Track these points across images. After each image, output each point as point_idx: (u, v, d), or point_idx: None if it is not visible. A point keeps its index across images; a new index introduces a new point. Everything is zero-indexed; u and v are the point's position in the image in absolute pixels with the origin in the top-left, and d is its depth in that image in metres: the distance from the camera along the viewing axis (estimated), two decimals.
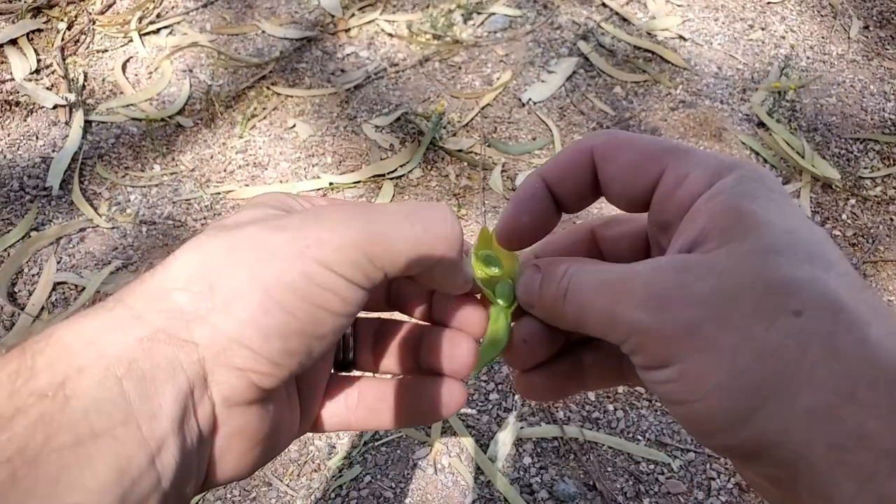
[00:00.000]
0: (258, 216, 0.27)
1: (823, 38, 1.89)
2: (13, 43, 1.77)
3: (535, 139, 1.64)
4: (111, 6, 1.89)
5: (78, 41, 1.80)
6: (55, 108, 1.65)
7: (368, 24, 1.87)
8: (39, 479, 0.20)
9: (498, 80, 1.75)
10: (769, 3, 1.97)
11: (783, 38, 1.88)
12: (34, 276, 1.37)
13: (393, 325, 0.35)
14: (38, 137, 1.60)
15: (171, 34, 1.84)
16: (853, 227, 1.51)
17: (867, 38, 1.90)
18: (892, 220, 1.53)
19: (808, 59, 1.84)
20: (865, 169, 1.61)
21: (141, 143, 1.61)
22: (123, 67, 1.75)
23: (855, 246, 1.48)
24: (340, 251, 0.25)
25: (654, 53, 1.82)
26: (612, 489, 1.13)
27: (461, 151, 1.60)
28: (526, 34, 1.87)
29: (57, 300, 1.34)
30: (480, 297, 0.34)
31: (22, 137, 1.60)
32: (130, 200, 1.50)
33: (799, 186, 1.56)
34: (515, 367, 0.33)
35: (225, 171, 1.56)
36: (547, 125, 1.66)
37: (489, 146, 1.61)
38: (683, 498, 1.14)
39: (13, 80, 1.69)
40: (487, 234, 0.34)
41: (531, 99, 1.71)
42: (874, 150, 1.65)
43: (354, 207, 0.27)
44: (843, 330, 0.22)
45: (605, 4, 1.94)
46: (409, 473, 1.15)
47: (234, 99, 1.70)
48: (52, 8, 1.86)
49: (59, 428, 0.21)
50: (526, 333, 0.32)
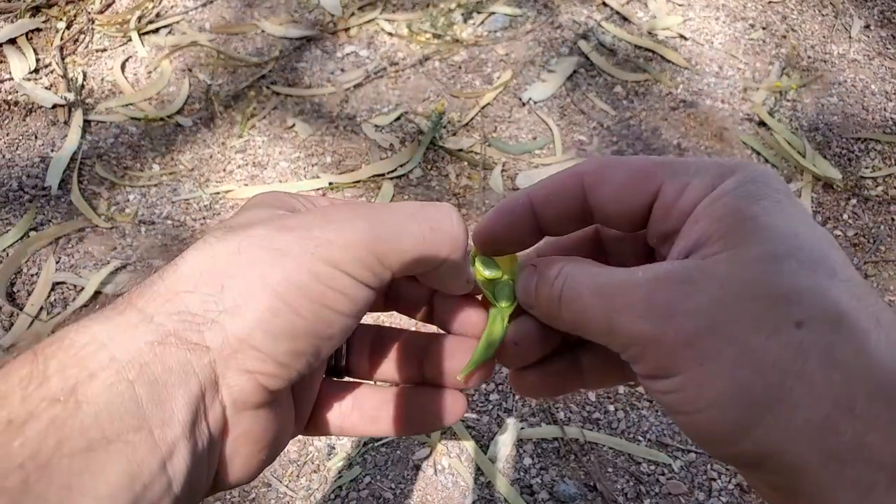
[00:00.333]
0: (263, 216, 0.27)
1: (825, 37, 1.89)
2: (12, 42, 1.76)
3: (535, 139, 1.63)
4: (110, 5, 1.89)
5: (77, 40, 1.80)
6: (54, 107, 1.64)
7: (368, 23, 1.87)
8: (52, 485, 0.20)
9: (498, 79, 1.74)
10: (770, 2, 1.97)
11: (784, 37, 1.88)
12: (33, 276, 1.37)
13: (390, 332, 0.34)
14: (36, 137, 1.60)
15: (170, 33, 1.84)
16: (854, 227, 1.50)
17: (868, 37, 1.90)
18: (893, 220, 1.52)
19: (809, 58, 1.83)
20: (867, 169, 1.61)
21: (140, 142, 1.60)
22: (122, 67, 1.75)
23: (856, 246, 1.48)
24: (349, 250, 0.25)
25: (654, 53, 1.82)
26: (612, 490, 1.13)
27: (461, 151, 1.59)
28: (526, 33, 1.86)
29: (56, 300, 1.34)
30: (481, 297, 0.33)
31: (21, 137, 1.59)
32: (129, 200, 1.50)
33: (800, 186, 1.55)
34: (507, 366, 0.33)
35: (224, 170, 1.56)
36: (547, 125, 1.66)
37: (489, 146, 1.61)
38: (684, 499, 1.13)
39: (12, 79, 1.69)
40: None
41: (531, 98, 1.70)
42: (875, 149, 1.64)
43: (361, 207, 0.27)
44: (843, 341, 0.22)
45: (605, 4, 1.93)
46: (408, 474, 1.15)
47: (233, 98, 1.69)
48: (51, 7, 1.85)
49: (71, 433, 0.21)
50: (518, 335, 0.32)
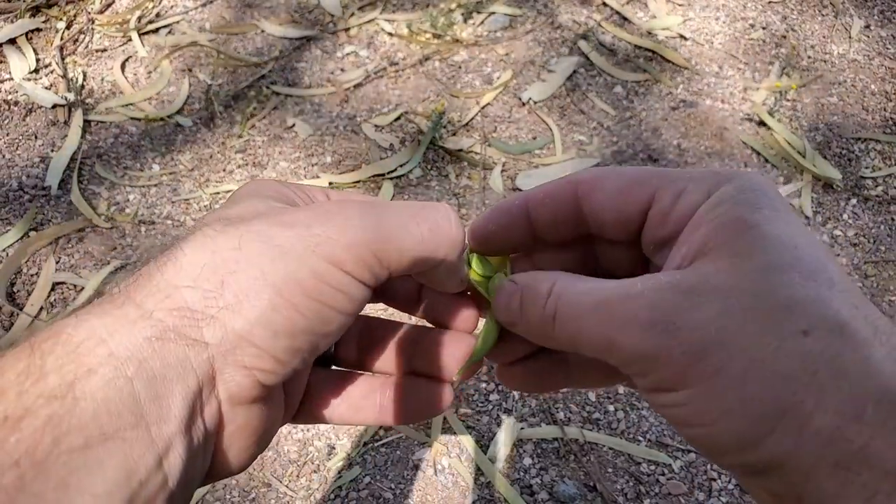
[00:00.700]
0: (261, 209, 0.27)
1: (825, 37, 1.89)
2: (12, 42, 1.76)
3: (535, 138, 1.63)
4: (110, 5, 1.89)
5: (77, 40, 1.80)
6: (54, 107, 1.64)
7: (368, 23, 1.87)
8: (49, 482, 0.20)
9: (498, 79, 1.74)
10: (770, 2, 1.97)
11: (784, 37, 1.88)
12: (33, 275, 1.37)
13: (379, 323, 0.35)
14: (36, 137, 1.60)
15: (170, 33, 1.84)
16: (854, 227, 1.50)
17: (868, 37, 1.89)
18: (893, 220, 1.52)
19: (809, 58, 1.83)
20: (867, 169, 1.61)
21: (140, 142, 1.60)
22: (122, 67, 1.75)
23: (856, 246, 1.47)
24: (350, 249, 0.25)
25: (654, 53, 1.82)
26: (612, 490, 1.13)
27: (461, 151, 1.59)
28: (526, 33, 1.86)
29: (56, 300, 1.34)
30: (470, 294, 0.34)
31: (21, 137, 1.59)
32: (129, 200, 1.50)
33: (800, 186, 1.55)
34: (494, 362, 0.33)
35: (224, 170, 1.56)
36: (547, 124, 1.66)
37: (489, 146, 1.61)
38: (684, 499, 1.13)
39: (12, 79, 1.69)
40: None
41: (531, 98, 1.70)
42: (875, 149, 1.64)
43: (360, 205, 0.27)
44: (848, 350, 0.22)
45: (605, 4, 1.93)
46: (408, 474, 1.15)
47: (233, 98, 1.69)
48: (51, 7, 1.85)
49: (68, 430, 0.20)
50: (505, 333, 0.32)
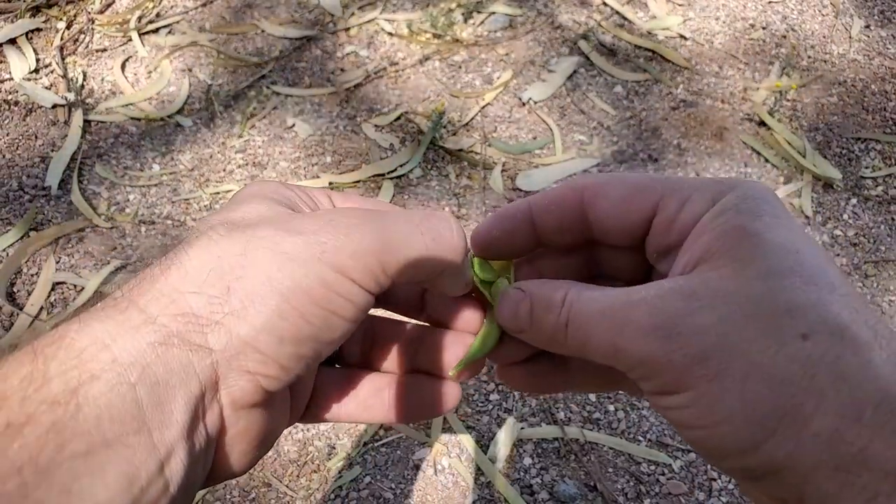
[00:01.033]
0: (265, 214, 0.27)
1: (825, 37, 1.89)
2: (12, 42, 1.76)
3: (535, 138, 1.63)
4: (110, 5, 1.89)
5: (77, 40, 1.80)
6: (54, 107, 1.64)
7: (368, 23, 1.87)
8: (52, 489, 0.20)
9: (498, 79, 1.74)
10: (770, 2, 1.97)
11: (784, 37, 1.88)
12: (33, 276, 1.37)
13: (382, 322, 0.35)
14: (36, 137, 1.60)
15: (170, 33, 1.84)
16: (854, 226, 1.50)
17: (868, 37, 1.90)
18: (893, 219, 1.52)
19: (809, 58, 1.83)
20: (867, 168, 1.61)
21: (140, 142, 1.61)
22: (123, 67, 1.75)
23: (856, 246, 1.47)
24: (356, 257, 0.25)
25: (654, 53, 1.82)
26: (612, 490, 1.13)
27: (461, 151, 1.59)
28: (526, 33, 1.86)
29: (56, 300, 1.34)
30: (474, 295, 0.34)
31: (21, 137, 1.59)
32: (129, 200, 1.50)
33: (800, 186, 1.55)
34: (495, 362, 0.34)
35: (224, 170, 1.56)
36: (547, 124, 1.66)
37: (489, 146, 1.61)
38: (684, 499, 1.13)
39: (12, 79, 1.69)
40: None
41: (531, 98, 1.70)
42: (875, 149, 1.64)
43: (366, 214, 0.27)
44: (849, 353, 0.22)
45: (605, 3, 1.93)
46: (409, 474, 1.15)
47: (233, 98, 1.69)
48: (51, 7, 1.85)
49: (71, 436, 0.21)
50: (504, 341, 0.32)
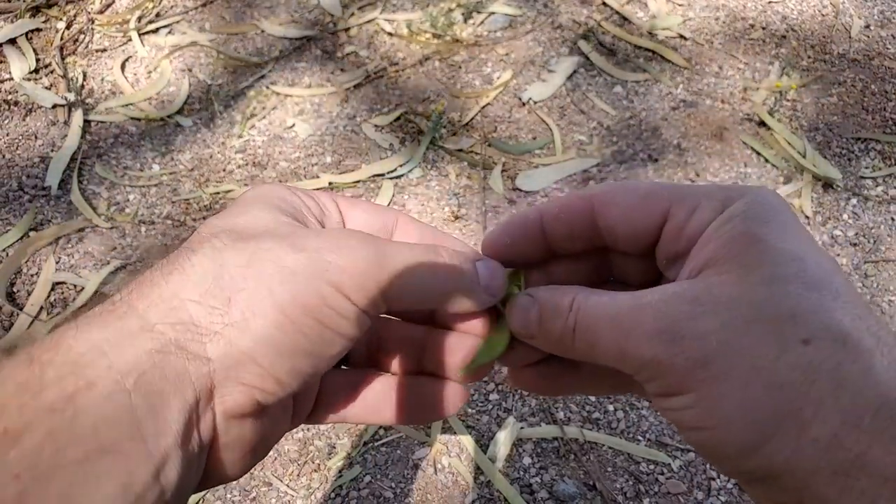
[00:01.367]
0: (271, 225, 0.27)
1: (825, 37, 1.89)
2: (12, 42, 1.77)
3: (535, 139, 1.64)
4: (110, 5, 1.89)
5: (77, 41, 1.80)
6: (54, 107, 1.64)
7: (368, 23, 1.87)
8: (49, 496, 0.20)
9: (498, 79, 1.75)
10: (770, 2, 1.97)
11: (784, 37, 1.88)
12: (33, 276, 1.37)
13: (388, 323, 0.35)
14: (36, 137, 1.60)
15: (170, 33, 1.84)
16: (854, 226, 1.51)
17: (868, 37, 1.90)
18: (893, 219, 1.52)
19: (809, 58, 1.83)
20: (867, 168, 1.61)
21: (140, 142, 1.61)
22: (122, 67, 1.75)
23: (856, 246, 1.48)
24: (355, 279, 0.26)
25: (654, 53, 1.82)
26: (612, 489, 1.13)
27: (461, 151, 1.59)
28: (526, 33, 1.86)
29: (56, 300, 1.34)
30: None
31: (21, 137, 1.60)
32: (129, 200, 1.50)
33: (800, 186, 1.55)
34: (505, 366, 0.34)
35: (224, 170, 1.56)
36: (547, 125, 1.66)
37: (489, 146, 1.61)
38: (683, 498, 1.13)
39: (12, 79, 1.69)
40: None
41: (531, 98, 1.70)
42: (875, 149, 1.64)
43: (371, 240, 0.27)
44: (849, 360, 0.23)
45: (605, 4, 1.93)
46: (409, 473, 1.15)
47: (233, 98, 1.70)
48: (50, 7, 1.85)
49: (67, 443, 0.21)
50: (513, 346, 0.32)
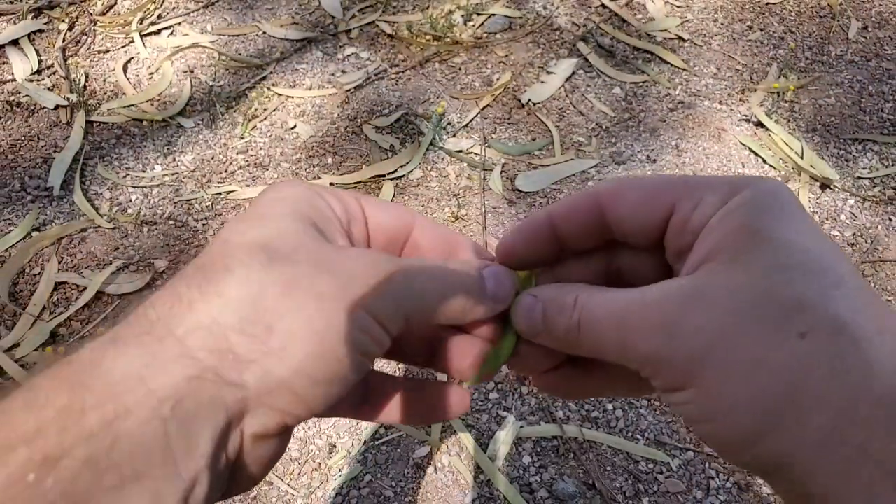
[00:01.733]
0: (304, 241, 0.27)
1: (822, 38, 1.90)
2: (14, 44, 1.77)
3: (534, 140, 1.64)
4: (112, 7, 1.90)
5: (79, 42, 1.80)
6: (56, 108, 1.65)
7: (369, 25, 1.88)
8: None
9: (498, 80, 1.75)
10: (768, 4, 1.98)
11: (782, 38, 1.89)
12: (35, 276, 1.38)
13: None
14: (39, 138, 1.60)
15: (172, 35, 1.85)
16: (852, 227, 1.51)
17: (866, 38, 1.90)
18: (890, 220, 1.53)
19: (806, 59, 1.84)
20: (864, 169, 1.61)
21: (142, 143, 1.61)
22: (125, 68, 1.76)
23: (853, 246, 1.48)
24: (388, 304, 0.26)
25: (653, 54, 1.83)
26: (611, 488, 1.14)
27: (461, 152, 1.60)
28: (525, 35, 1.87)
29: (58, 300, 1.35)
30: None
31: (23, 138, 1.60)
32: (132, 201, 1.51)
33: (798, 187, 1.56)
34: (521, 373, 0.34)
35: (226, 171, 1.56)
36: (546, 126, 1.66)
37: (489, 147, 1.62)
38: (682, 497, 1.14)
39: (15, 80, 1.70)
40: None
41: (531, 100, 1.71)
42: (873, 150, 1.65)
43: (394, 260, 0.28)
44: (847, 351, 0.23)
45: (604, 5, 1.94)
46: (409, 472, 1.16)
47: (234, 99, 1.70)
48: (53, 9, 1.86)
49: (104, 470, 0.21)
50: (527, 347, 0.32)
